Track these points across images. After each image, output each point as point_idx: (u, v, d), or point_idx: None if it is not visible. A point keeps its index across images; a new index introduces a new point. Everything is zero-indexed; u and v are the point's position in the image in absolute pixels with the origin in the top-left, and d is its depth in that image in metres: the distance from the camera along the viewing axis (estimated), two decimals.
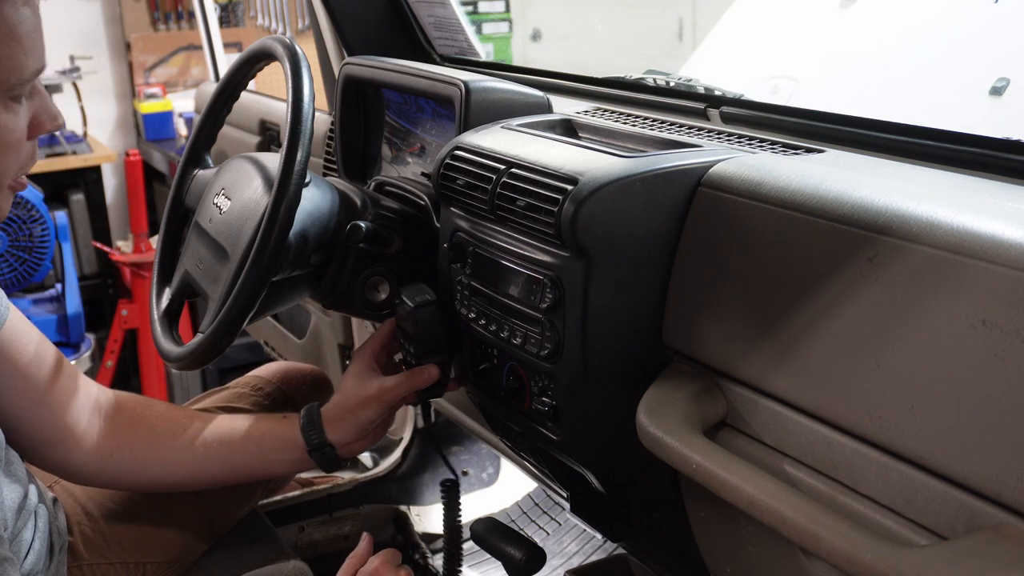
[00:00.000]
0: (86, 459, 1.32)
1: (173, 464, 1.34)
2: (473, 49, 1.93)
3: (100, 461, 1.32)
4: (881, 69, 2.64)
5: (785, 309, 0.93)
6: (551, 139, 1.22)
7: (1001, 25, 2.49)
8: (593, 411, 1.10)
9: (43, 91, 1.08)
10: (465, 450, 2.35)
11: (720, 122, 1.35)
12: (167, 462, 1.34)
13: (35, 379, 1.26)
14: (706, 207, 1.04)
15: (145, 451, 1.34)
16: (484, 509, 2.27)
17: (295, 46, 1.30)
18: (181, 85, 4.40)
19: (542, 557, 1.35)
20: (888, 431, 0.84)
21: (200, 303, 1.98)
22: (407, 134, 1.59)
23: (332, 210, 1.34)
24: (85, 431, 1.31)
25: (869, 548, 0.78)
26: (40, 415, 1.28)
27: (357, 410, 1.31)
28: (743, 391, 0.99)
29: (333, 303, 1.40)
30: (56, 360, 1.30)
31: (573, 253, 1.06)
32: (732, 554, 1.09)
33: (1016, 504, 0.75)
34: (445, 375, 1.32)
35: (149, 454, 1.34)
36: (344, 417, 1.32)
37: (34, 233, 3.31)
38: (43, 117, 1.08)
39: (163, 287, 1.45)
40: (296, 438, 1.33)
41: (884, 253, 0.85)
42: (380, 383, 1.31)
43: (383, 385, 1.30)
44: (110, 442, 1.33)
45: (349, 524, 2.09)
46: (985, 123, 2.28)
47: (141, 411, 1.37)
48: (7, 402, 1.25)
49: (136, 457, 1.33)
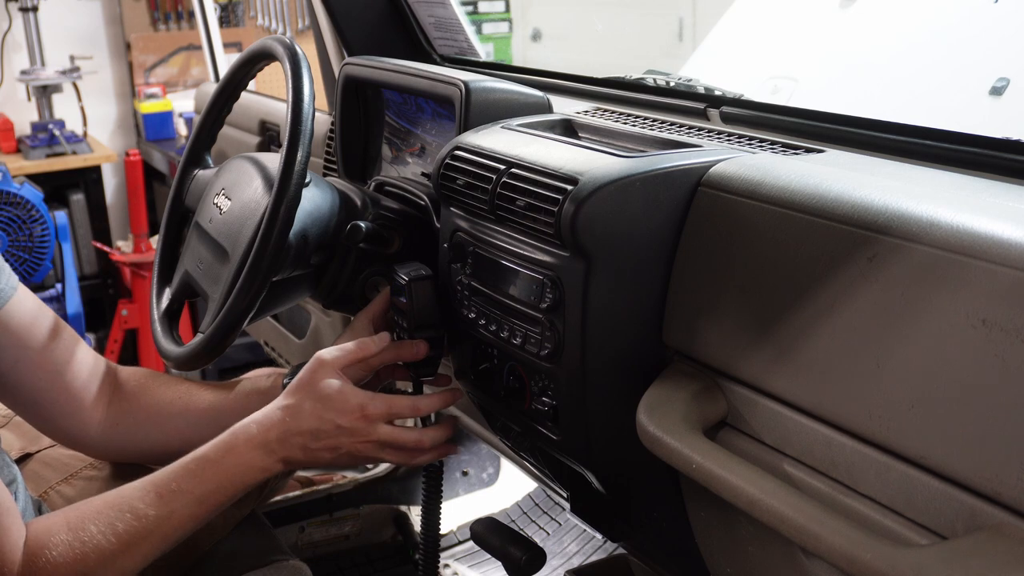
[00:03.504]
0: (96, 429, 1.36)
1: (171, 430, 1.38)
2: (473, 49, 1.93)
3: (108, 430, 1.37)
4: (881, 69, 2.64)
5: (785, 309, 0.93)
6: (551, 139, 1.22)
7: (1001, 25, 2.49)
8: (593, 411, 1.10)
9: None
10: (465, 450, 2.35)
11: (720, 122, 1.35)
12: (166, 428, 1.38)
13: (49, 352, 1.31)
14: (706, 207, 1.04)
15: (147, 419, 1.38)
16: (484, 509, 2.27)
17: (295, 46, 1.30)
18: (181, 85, 4.40)
19: (542, 557, 1.36)
20: (888, 431, 0.84)
21: (200, 303, 1.98)
22: (407, 134, 1.59)
23: (332, 210, 1.35)
24: (95, 402, 1.36)
25: (869, 548, 0.78)
26: (54, 387, 1.32)
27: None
28: (743, 391, 0.99)
29: (333, 303, 1.40)
30: (67, 334, 1.34)
31: (573, 253, 1.06)
32: (732, 554, 1.09)
33: (1016, 504, 0.75)
34: (437, 353, 1.31)
35: (150, 422, 1.38)
36: None
37: (34, 233, 3.31)
38: None
39: (163, 287, 1.45)
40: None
41: (884, 253, 0.85)
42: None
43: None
44: (117, 412, 1.37)
45: (349, 524, 2.09)
46: (985, 123, 2.28)
47: (146, 382, 1.41)
48: (23, 375, 1.29)
49: (139, 425, 1.38)
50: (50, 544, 1.12)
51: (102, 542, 1.14)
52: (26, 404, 1.29)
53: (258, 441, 1.22)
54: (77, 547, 1.13)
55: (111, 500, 1.18)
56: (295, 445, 1.22)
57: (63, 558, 1.12)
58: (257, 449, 1.21)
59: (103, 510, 1.17)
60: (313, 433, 1.21)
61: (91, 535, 1.14)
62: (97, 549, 1.14)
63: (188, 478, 1.20)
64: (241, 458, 1.21)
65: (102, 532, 1.15)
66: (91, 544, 1.14)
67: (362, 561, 2.12)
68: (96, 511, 1.16)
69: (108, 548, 1.14)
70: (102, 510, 1.17)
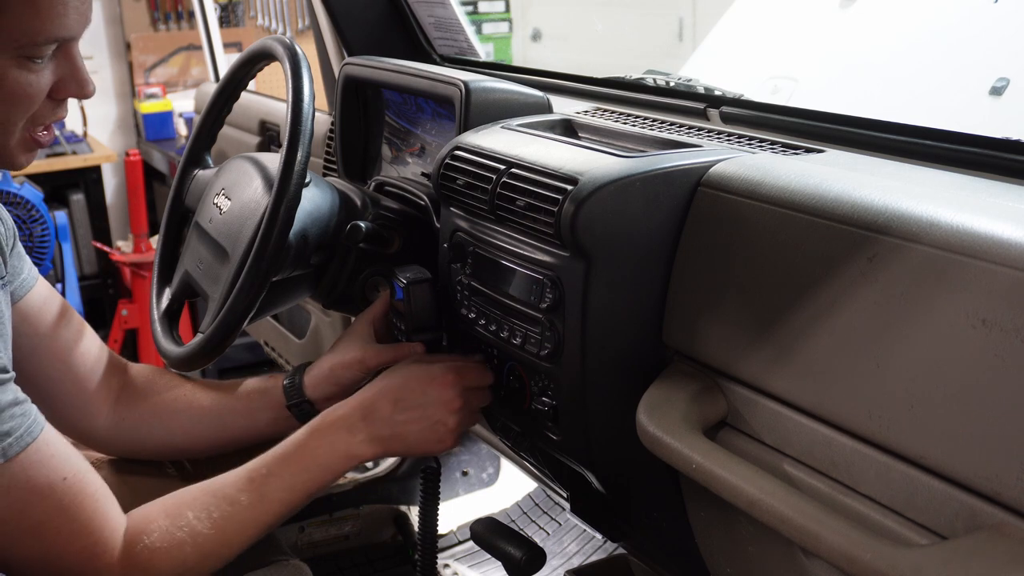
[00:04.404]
0: (103, 424, 1.37)
1: (175, 428, 1.39)
2: (473, 49, 1.93)
3: (114, 426, 1.38)
4: (881, 69, 2.64)
5: (785, 309, 0.93)
6: (551, 139, 1.22)
7: (1001, 25, 2.49)
8: (593, 411, 1.10)
9: (75, 57, 1.11)
10: (465, 450, 2.35)
11: (720, 122, 1.35)
12: (171, 425, 1.39)
13: (62, 345, 1.32)
14: (706, 207, 1.04)
15: (153, 416, 1.39)
16: (484, 509, 2.27)
17: (295, 46, 1.30)
18: (181, 85, 4.40)
19: (542, 557, 1.36)
20: (888, 431, 0.84)
21: (200, 303, 1.98)
22: (407, 134, 1.59)
23: (332, 210, 1.35)
24: (104, 397, 1.37)
25: (869, 547, 0.78)
26: (66, 379, 1.33)
27: (338, 370, 1.35)
28: (743, 391, 0.99)
29: (333, 303, 1.40)
30: (81, 328, 1.35)
31: (573, 253, 1.06)
32: (732, 554, 1.09)
33: (1016, 504, 0.75)
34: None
35: (154, 419, 1.39)
36: (325, 376, 1.35)
37: (34, 233, 3.31)
38: (69, 82, 1.11)
39: (163, 287, 1.45)
40: (279, 395, 1.37)
41: (884, 253, 0.85)
42: (364, 347, 1.34)
43: (367, 350, 1.33)
44: (124, 407, 1.38)
45: (349, 524, 2.09)
46: (985, 123, 2.28)
47: (153, 379, 1.42)
48: (37, 365, 1.30)
49: (144, 422, 1.38)
50: (148, 530, 1.14)
51: (198, 527, 1.15)
52: (38, 395, 1.30)
53: (342, 419, 1.23)
54: (175, 533, 1.15)
55: (207, 487, 1.20)
56: (380, 417, 1.23)
57: (161, 543, 1.14)
58: (342, 429, 1.22)
59: (199, 497, 1.18)
60: (396, 399, 1.23)
61: (187, 521, 1.16)
62: (193, 534, 1.15)
63: (278, 463, 1.21)
64: (325, 438, 1.22)
65: (198, 518, 1.16)
66: (187, 530, 1.15)
67: (362, 561, 2.12)
68: (192, 498, 1.18)
69: (204, 534, 1.16)
70: (198, 497, 1.18)
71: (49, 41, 1.06)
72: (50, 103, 1.11)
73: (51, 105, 1.11)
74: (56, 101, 1.11)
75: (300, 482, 1.21)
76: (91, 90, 1.13)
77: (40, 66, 1.07)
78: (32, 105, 1.08)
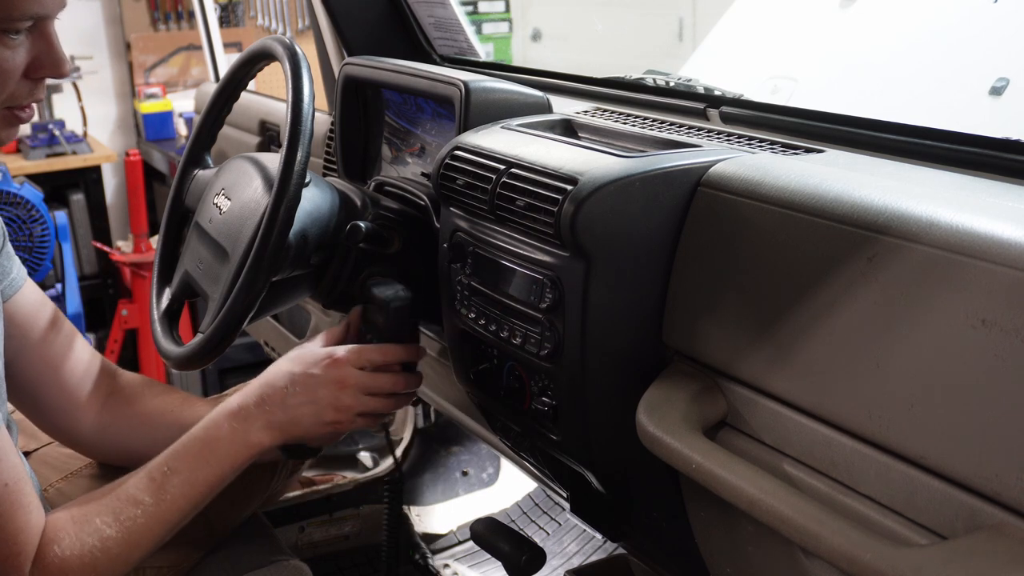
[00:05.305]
0: (89, 428, 1.37)
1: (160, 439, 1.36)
2: (473, 49, 1.93)
3: (100, 431, 1.38)
4: (881, 69, 2.64)
5: (785, 309, 0.93)
6: (551, 139, 1.22)
7: (1001, 25, 2.49)
8: (593, 411, 1.10)
9: (51, 36, 1.11)
10: (465, 450, 2.35)
11: (720, 122, 1.35)
12: (155, 436, 1.36)
13: (49, 346, 1.32)
14: (706, 207, 1.04)
15: (139, 424, 1.39)
16: (484, 509, 2.27)
17: (295, 46, 1.30)
18: (181, 85, 4.40)
19: (542, 557, 1.36)
20: (888, 431, 0.84)
21: (200, 303, 1.98)
22: (407, 134, 1.59)
23: (332, 210, 1.35)
24: (90, 402, 1.37)
25: (869, 548, 0.78)
26: (51, 381, 1.33)
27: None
28: (743, 391, 0.99)
29: (333, 303, 1.40)
30: (69, 332, 1.36)
31: (573, 253, 1.06)
32: (732, 554, 1.09)
33: (1016, 504, 0.75)
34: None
35: (142, 428, 1.39)
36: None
37: (34, 233, 3.31)
38: (44, 60, 1.11)
39: (163, 287, 1.45)
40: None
41: (884, 253, 0.85)
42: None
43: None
44: (110, 413, 1.38)
45: (349, 524, 2.09)
46: (985, 123, 2.28)
47: (141, 389, 1.42)
48: (23, 368, 1.30)
49: (132, 429, 1.39)
50: (58, 538, 1.14)
51: (106, 532, 1.16)
52: (24, 397, 1.31)
53: (237, 410, 1.23)
54: (84, 539, 1.15)
55: (112, 491, 1.20)
56: (274, 404, 1.23)
57: (71, 551, 1.14)
58: (237, 418, 1.23)
59: (106, 500, 1.18)
60: (288, 386, 1.23)
61: (96, 527, 1.16)
62: (102, 539, 1.15)
63: (177, 459, 1.22)
64: (223, 430, 1.22)
65: (105, 523, 1.16)
66: (96, 536, 1.15)
67: (362, 561, 2.12)
68: (99, 503, 1.18)
69: (113, 537, 1.16)
70: (105, 500, 1.18)
71: (24, 17, 1.07)
72: (27, 83, 1.11)
73: (28, 85, 1.12)
74: (33, 81, 1.12)
75: (201, 477, 1.21)
76: (67, 69, 1.13)
77: (16, 42, 1.08)
78: (8, 81, 1.09)
